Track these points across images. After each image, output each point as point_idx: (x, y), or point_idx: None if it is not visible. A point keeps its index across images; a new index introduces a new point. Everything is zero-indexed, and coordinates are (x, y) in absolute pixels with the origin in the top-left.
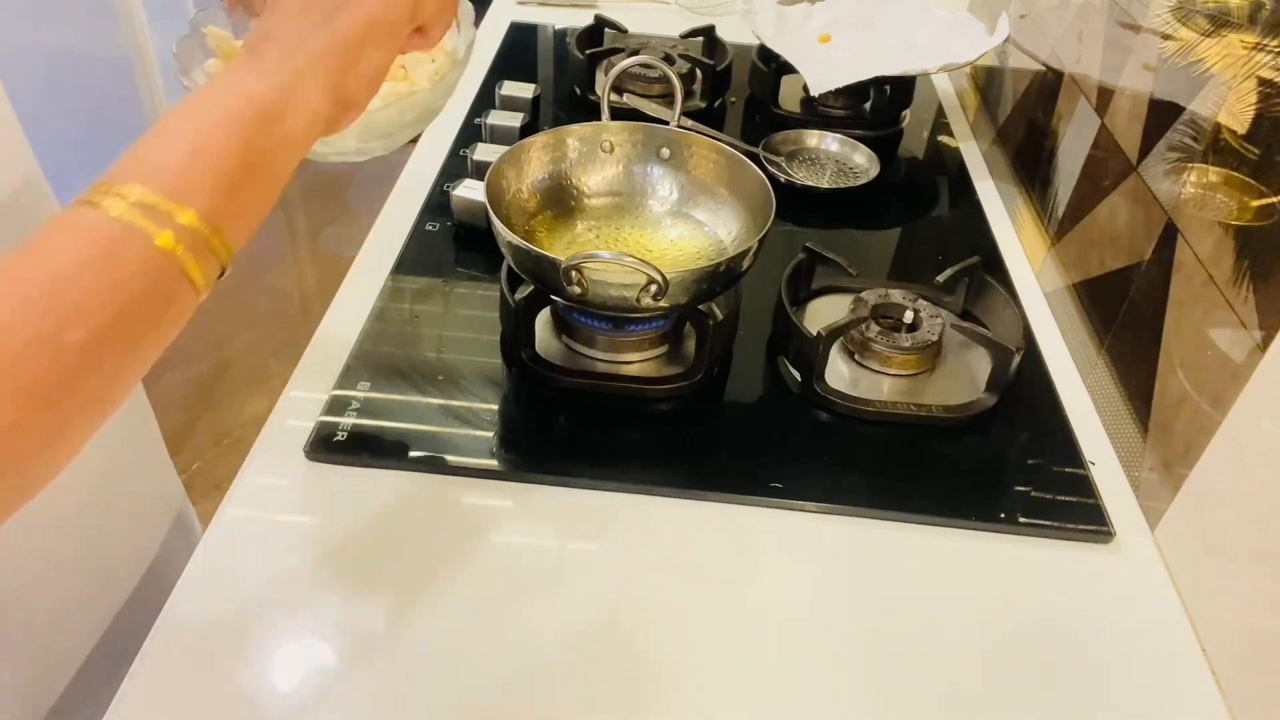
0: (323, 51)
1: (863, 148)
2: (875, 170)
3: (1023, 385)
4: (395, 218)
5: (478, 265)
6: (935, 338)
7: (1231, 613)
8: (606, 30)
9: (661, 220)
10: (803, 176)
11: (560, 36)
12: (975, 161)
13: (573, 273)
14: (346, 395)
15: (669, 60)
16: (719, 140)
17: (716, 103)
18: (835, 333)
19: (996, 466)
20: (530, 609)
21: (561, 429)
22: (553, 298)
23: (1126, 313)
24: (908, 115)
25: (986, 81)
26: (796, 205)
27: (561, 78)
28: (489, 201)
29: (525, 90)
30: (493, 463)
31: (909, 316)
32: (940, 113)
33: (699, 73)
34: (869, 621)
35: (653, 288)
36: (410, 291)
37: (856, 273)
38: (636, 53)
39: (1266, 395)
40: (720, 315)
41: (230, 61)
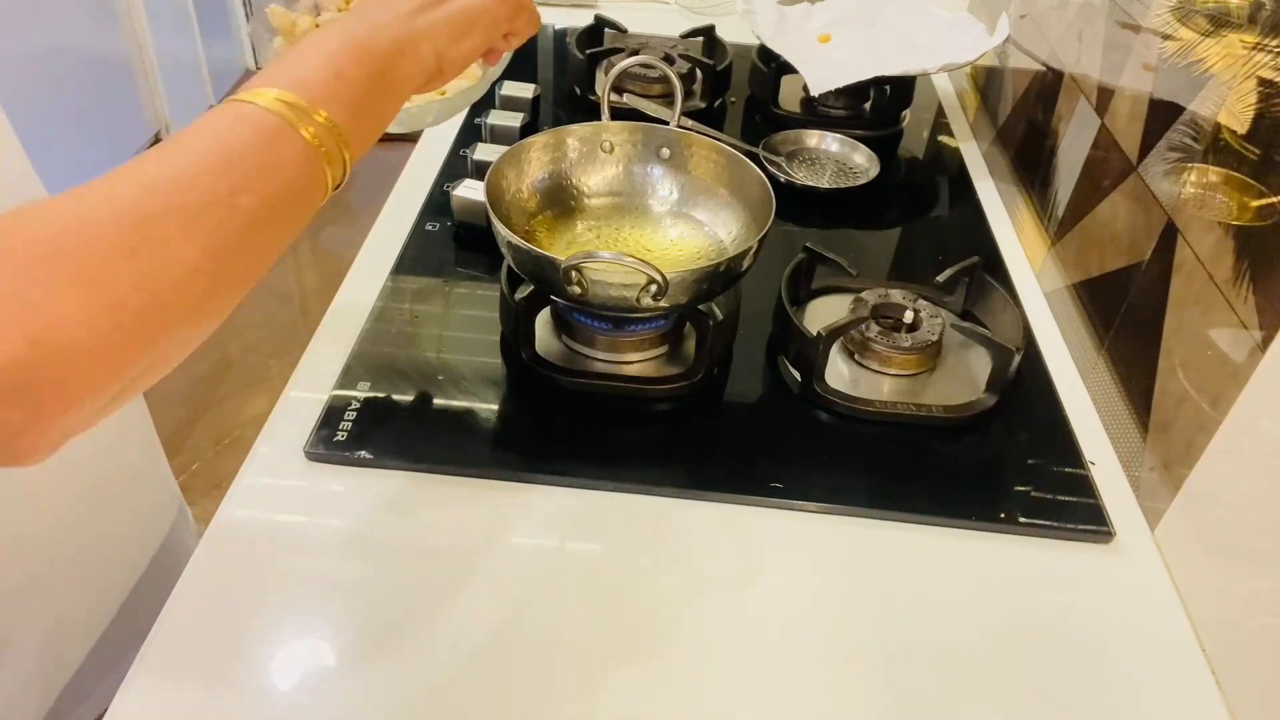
0: (439, 21)
1: (863, 148)
2: (875, 170)
3: (1023, 385)
4: (395, 218)
5: (478, 265)
6: (935, 338)
7: (1231, 613)
8: (606, 30)
9: (661, 220)
10: (803, 176)
11: (560, 36)
12: (975, 161)
13: (573, 273)
14: (346, 395)
15: (669, 60)
16: (719, 140)
17: (716, 103)
18: (835, 333)
19: (996, 466)
20: (530, 608)
21: (561, 429)
22: (553, 298)
23: (1126, 313)
24: (908, 115)
25: (986, 81)
26: (796, 205)
27: (561, 78)
28: (489, 201)
29: (525, 90)
30: (493, 463)
31: (909, 316)
32: (940, 113)
33: (699, 73)
34: (869, 621)
35: (653, 288)
36: (410, 291)
37: (856, 273)
38: (636, 53)
39: (1266, 395)
40: (720, 315)
41: (351, 10)
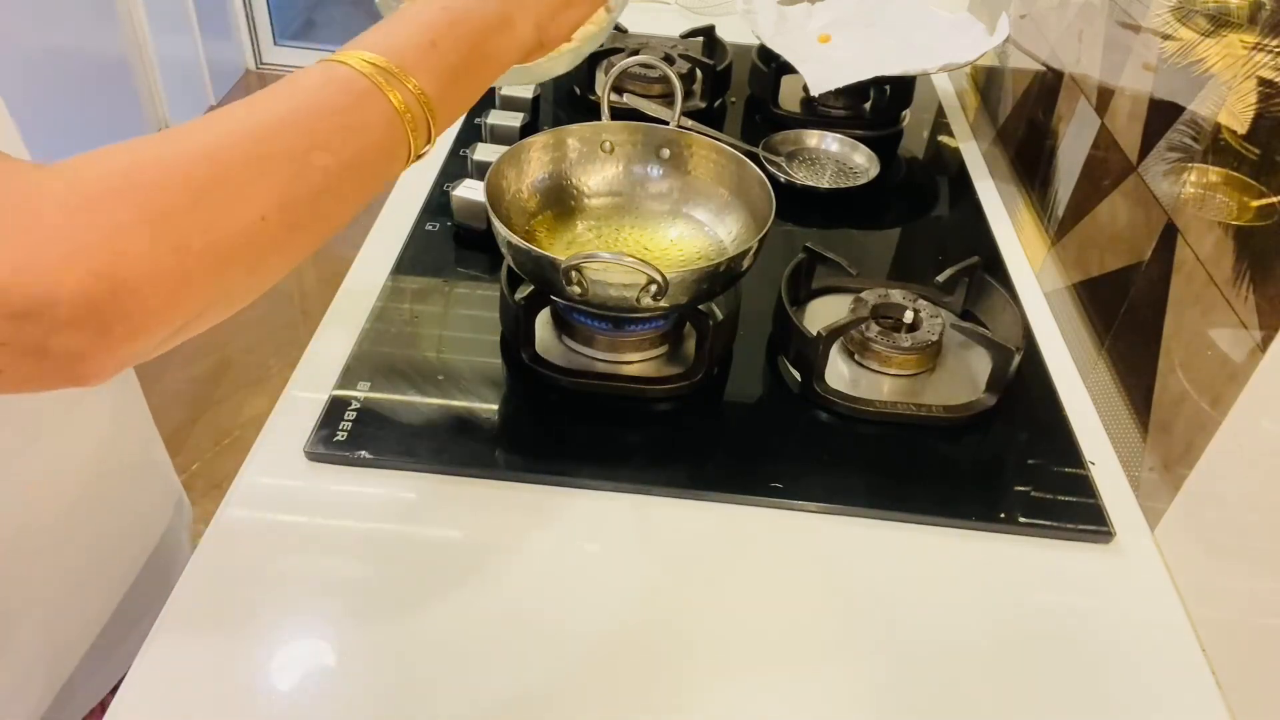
0: None
1: (863, 148)
2: (875, 170)
3: (1023, 385)
4: (395, 218)
5: (478, 265)
6: (935, 338)
7: (1231, 613)
8: None
9: (661, 220)
10: (803, 176)
11: None
12: (975, 161)
13: (573, 273)
14: (346, 395)
15: (669, 60)
16: (719, 140)
17: (716, 103)
18: (835, 333)
19: (996, 466)
20: (530, 608)
21: (561, 429)
22: (553, 298)
23: (1126, 313)
24: (908, 115)
25: (986, 81)
26: (796, 205)
27: (561, 77)
28: (489, 201)
29: (525, 90)
30: (493, 463)
31: (909, 316)
32: (940, 113)
33: (699, 73)
34: (869, 621)
35: (653, 288)
36: (410, 291)
37: (856, 273)
38: (636, 53)
39: (1266, 395)
40: (720, 315)
41: None
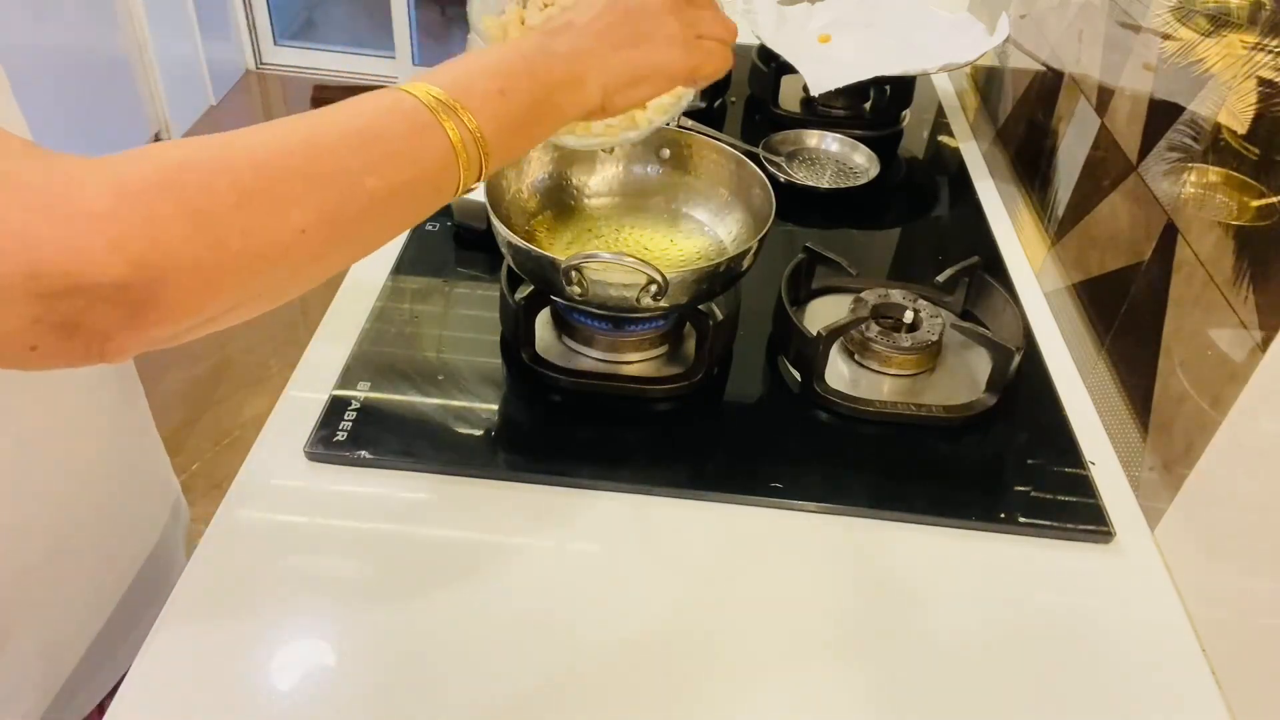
0: (612, 68)
1: (863, 148)
2: (875, 170)
3: (1023, 385)
4: None
5: (478, 265)
6: (935, 338)
7: (1231, 613)
8: None
9: (661, 220)
10: (803, 176)
11: None
12: (975, 161)
13: (573, 273)
14: (346, 395)
15: None
16: (719, 140)
17: (716, 103)
18: (835, 333)
19: (996, 466)
20: (530, 608)
21: (561, 429)
22: (553, 298)
23: (1126, 313)
24: (908, 115)
25: (986, 81)
26: (796, 205)
27: None
28: (489, 201)
29: None
30: (493, 463)
31: (909, 316)
32: (940, 113)
33: None
34: (869, 621)
35: (653, 288)
36: (410, 291)
37: (856, 273)
38: None
39: (1266, 395)
40: (720, 315)
41: (530, 34)
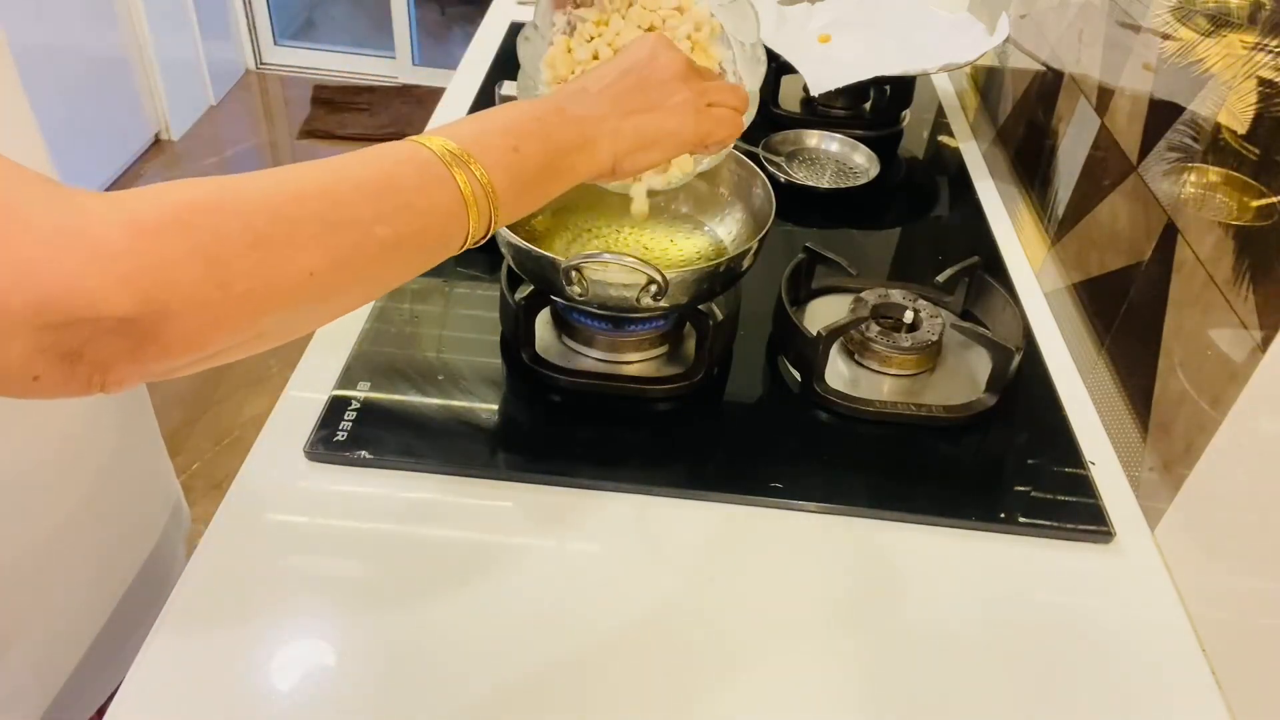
0: (624, 134)
1: (863, 148)
2: (875, 170)
3: (1023, 385)
4: None
5: (478, 265)
6: (935, 338)
7: (1231, 613)
8: None
9: (661, 220)
10: (803, 176)
11: None
12: (975, 161)
13: (573, 273)
14: (346, 395)
15: None
16: None
17: None
18: (835, 333)
19: (996, 466)
20: (530, 608)
21: (561, 429)
22: (553, 298)
23: (1126, 313)
24: (908, 115)
25: (986, 81)
26: (796, 205)
27: None
28: None
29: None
30: (493, 463)
31: (909, 316)
32: (940, 113)
33: None
34: (869, 621)
35: (653, 288)
36: (410, 291)
37: (856, 273)
38: None
39: (1266, 395)
40: (720, 315)
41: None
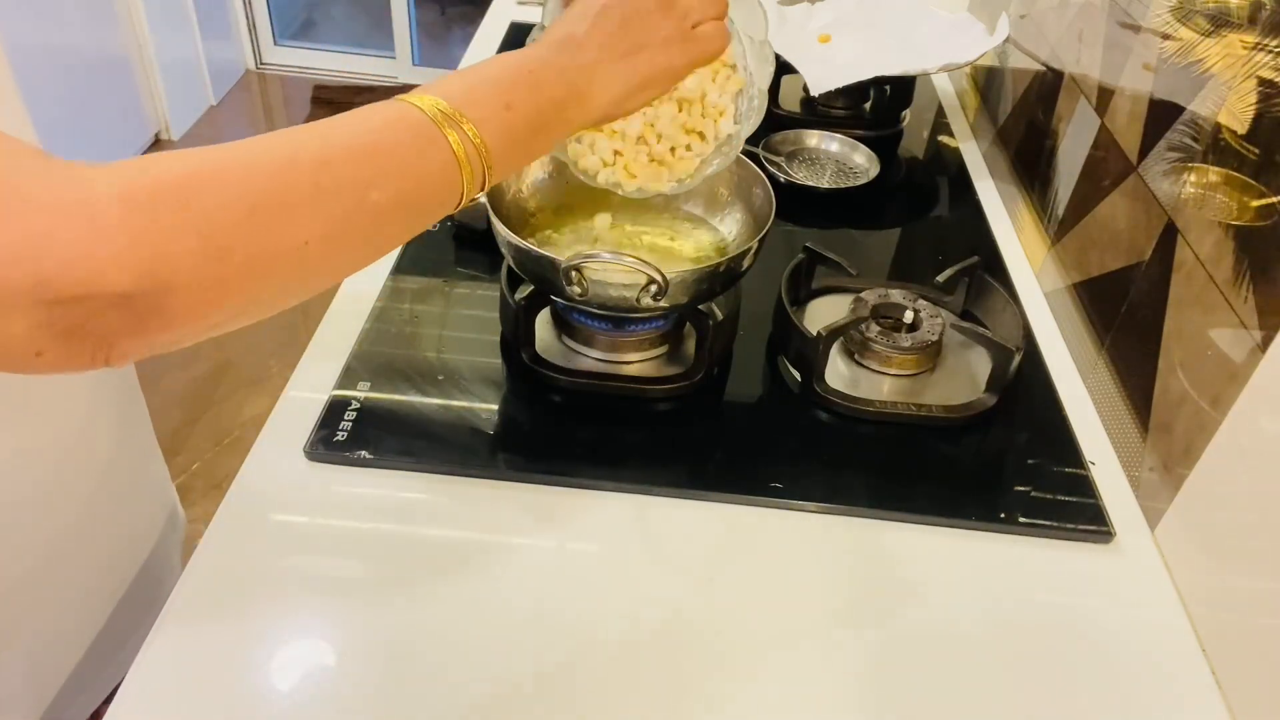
0: (617, 78)
1: (863, 148)
2: (875, 170)
3: (1023, 385)
4: None
5: (478, 265)
6: (935, 338)
7: (1231, 613)
8: None
9: (661, 220)
10: (803, 176)
11: None
12: (975, 161)
13: (573, 273)
14: (346, 395)
15: None
16: None
17: None
18: (835, 333)
19: (996, 466)
20: (530, 608)
21: (561, 429)
22: (553, 298)
23: (1126, 313)
24: (908, 115)
25: (986, 81)
26: (796, 205)
27: None
28: (489, 202)
29: None
30: (493, 463)
31: (909, 316)
32: (940, 113)
33: None
34: (868, 621)
35: (653, 288)
36: (410, 291)
37: (856, 273)
38: None
39: (1266, 395)
40: (720, 315)
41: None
